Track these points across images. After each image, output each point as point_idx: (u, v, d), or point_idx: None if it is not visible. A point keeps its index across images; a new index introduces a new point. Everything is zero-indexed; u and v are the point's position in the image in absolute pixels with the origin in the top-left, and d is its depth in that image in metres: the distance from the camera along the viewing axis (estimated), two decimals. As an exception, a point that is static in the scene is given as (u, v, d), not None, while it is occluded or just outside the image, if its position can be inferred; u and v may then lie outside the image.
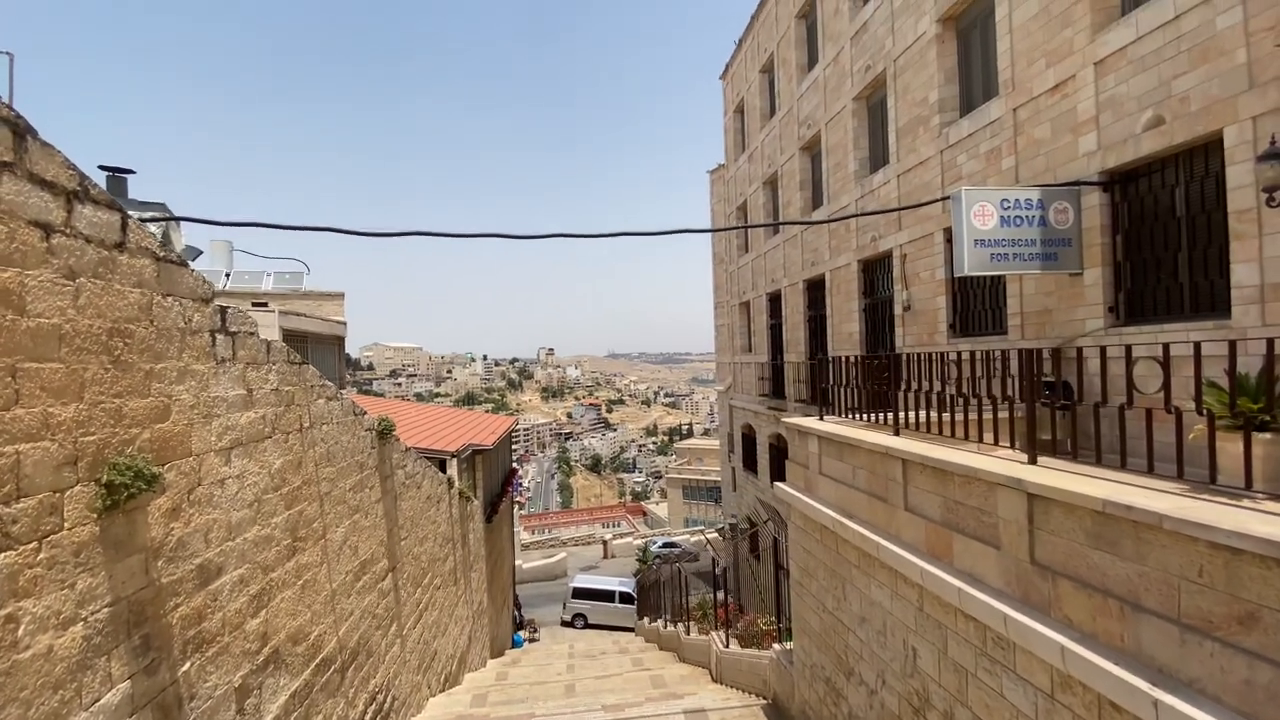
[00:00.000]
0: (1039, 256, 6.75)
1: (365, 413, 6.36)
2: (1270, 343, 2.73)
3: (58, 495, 2.56)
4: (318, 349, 12.30)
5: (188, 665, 3.32)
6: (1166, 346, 3.15)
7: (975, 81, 9.05)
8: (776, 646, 7.93)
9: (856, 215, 7.72)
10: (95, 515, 2.73)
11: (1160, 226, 6.19)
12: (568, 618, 23.79)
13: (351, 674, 5.54)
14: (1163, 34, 5.81)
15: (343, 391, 5.98)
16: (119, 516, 2.88)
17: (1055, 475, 3.36)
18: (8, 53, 5.41)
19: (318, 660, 4.87)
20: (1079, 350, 4.32)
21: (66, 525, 2.59)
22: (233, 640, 3.75)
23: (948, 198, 7.29)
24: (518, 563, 27.60)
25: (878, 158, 11.74)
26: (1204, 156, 5.69)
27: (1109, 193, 6.59)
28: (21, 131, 2.44)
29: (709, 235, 28.31)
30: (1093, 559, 2.96)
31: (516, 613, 21.24)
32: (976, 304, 8.89)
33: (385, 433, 6.76)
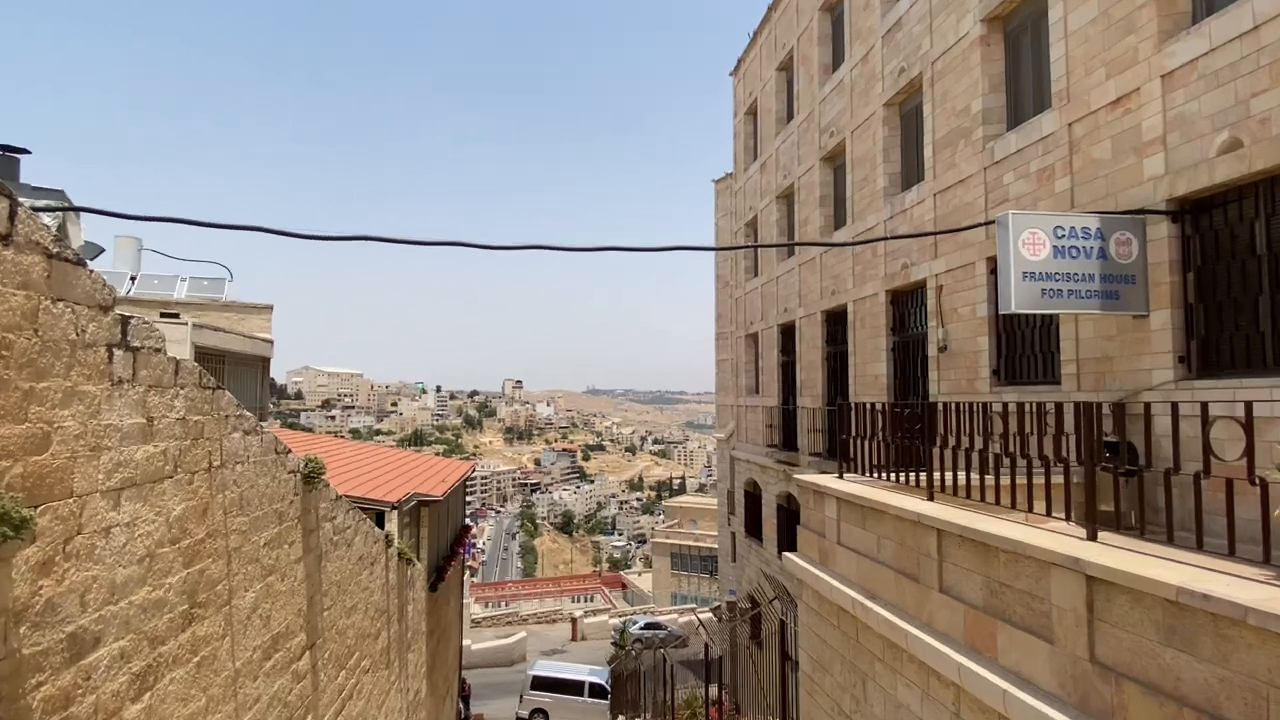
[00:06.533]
0: (1098, 294, 6.87)
1: (289, 451, 6.27)
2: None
3: (-100, 541, 2.46)
4: (237, 371, 12.16)
5: (47, 762, 3.16)
6: (1249, 405, 3.18)
7: (1025, 91, 9.35)
8: (780, 756, 7.74)
9: (885, 238, 7.87)
10: (-55, 567, 2.63)
11: (1238, 265, 6.34)
12: (525, 713, 23.21)
13: (253, 778, 5.31)
14: (1240, 46, 6.06)
15: (264, 424, 5.89)
16: (-25, 570, 2.77)
17: (1119, 555, 3.35)
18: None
19: (211, 759, 4.66)
20: (1145, 406, 4.37)
21: (-92, 579, 2.49)
22: (106, 731, 3.58)
23: (992, 222, 7.45)
24: (466, 643, 26.97)
25: (911, 173, 12.02)
26: (1287, 187, 5.88)
27: (1178, 224, 6.77)
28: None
29: (712, 256, 28.69)
30: (1165, 659, 2.93)
31: (461, 705, 20.66)
32: (1024, 347, 9.01)
33: (313, 477, 6.65)
